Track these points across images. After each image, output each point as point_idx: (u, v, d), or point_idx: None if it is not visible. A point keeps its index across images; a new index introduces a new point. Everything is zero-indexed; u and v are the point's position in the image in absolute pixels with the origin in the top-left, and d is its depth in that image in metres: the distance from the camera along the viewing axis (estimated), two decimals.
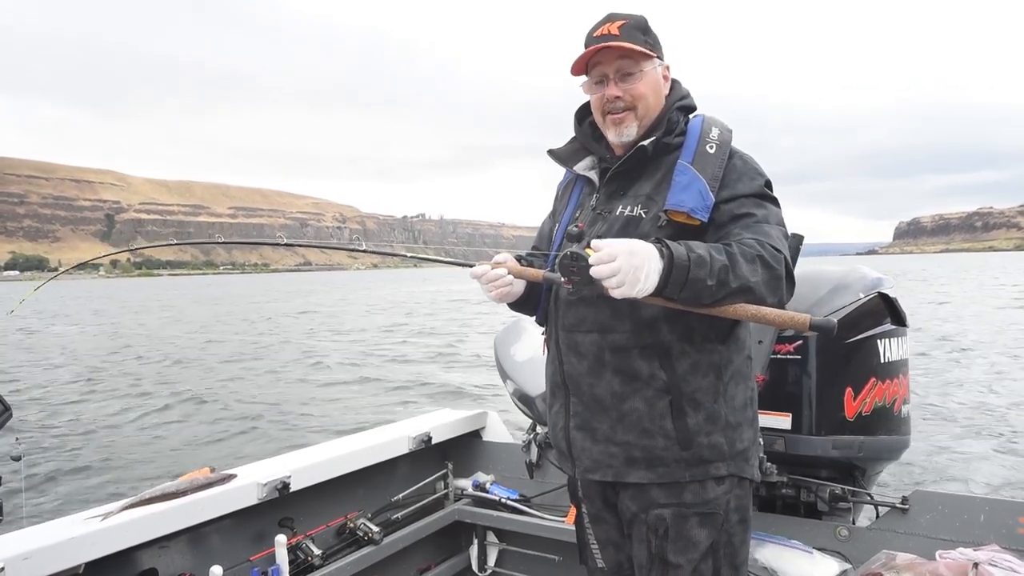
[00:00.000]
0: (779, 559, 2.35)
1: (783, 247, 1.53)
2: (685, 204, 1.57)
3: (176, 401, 11.21)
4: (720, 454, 1.61)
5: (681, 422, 1.59)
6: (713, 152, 1.63)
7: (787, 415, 2.39)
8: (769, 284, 1.47)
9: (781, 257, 1.50)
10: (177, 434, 8.99)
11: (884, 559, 2.18)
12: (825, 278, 2.53)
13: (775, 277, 1.48)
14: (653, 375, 1.60)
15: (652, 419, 1.60)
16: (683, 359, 1.60)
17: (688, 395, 1.59)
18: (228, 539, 2.28)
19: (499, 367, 3.03)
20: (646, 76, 1.69)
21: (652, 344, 1.60)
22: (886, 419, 2.45)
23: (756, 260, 1.46)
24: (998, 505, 2.20)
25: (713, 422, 1.60)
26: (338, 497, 2.61)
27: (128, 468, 7.42)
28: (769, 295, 1.48)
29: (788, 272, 1.52)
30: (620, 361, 1.62)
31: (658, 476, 1.61)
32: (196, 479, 2.20)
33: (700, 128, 1.68)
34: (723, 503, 1.62)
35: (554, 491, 2.87)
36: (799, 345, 2.39)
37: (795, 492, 2.47)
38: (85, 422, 9.77)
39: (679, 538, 1.61)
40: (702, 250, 1.44)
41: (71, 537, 1.83)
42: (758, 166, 1.67)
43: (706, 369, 1.60)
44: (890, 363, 2.46)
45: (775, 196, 1.65)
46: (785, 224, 1.62)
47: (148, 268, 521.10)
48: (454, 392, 11.40)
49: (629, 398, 1.61)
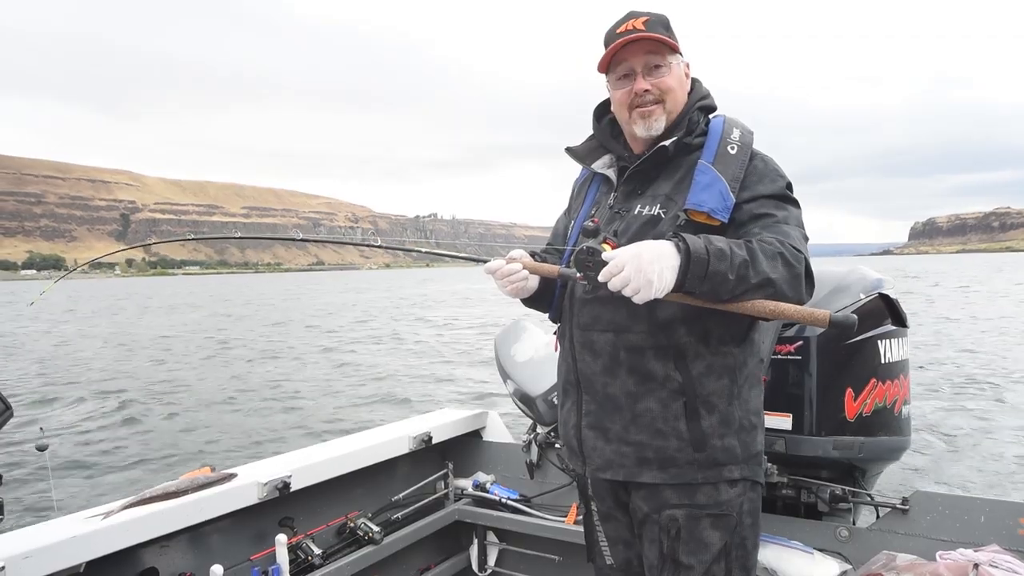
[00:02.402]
0: (779, 560, 2.35)
1: (803, 247, 1.53)
2: (705, 204, 1.57)
3: (176, 400, 11.24)
4: (733, 457, 1.61)
5: (695, 424, 1.59)
6: (734, 153, 1.62)
7: (788, 416, 2.39)
8: (790, 281, 1.47)
9: (802, 256, 1.50)
10: (178, 433, 9.01)
11: (884, 560, 2.17)
12: (826, 279, 2.52)
13: (795, 275, 1.47)
14: (668, 376, 1.60)
15: (666, 420, 1.60)
16: (698, 361, 1.60)
17: (703, 397, 1.59)
18: (228, 538, 2.29)
19: (499, 367, 3.03)
20: (673, 70, 1.70)
21: (668, 345, 1.60)
22: (886, 420, 2.44)
23: (777, 257, 1.46)
24: (999, 506, 2.19)
25: (727, 425, 1.60)
26: (338, 497, 2.62)
27: (128, 467, 7.45)
28: (790, 291, 1.47)
29: (808, 271, 1.51)
30: (635, 361, 1.62)
31: (671, 477, 1.61)
32: (197, 478, 2.21)
33: (722, 128, 1.68)
34: (736, 505, 1.62)
35: (554, 491, 2.87)
36: (800, 345, 2.38)
37: (795, 493, 2.46)
38: (84, 421, 9.82)
39: (691, 539, 1.62)
40: (722, 243, 1.44)
41: (72, 536, 1.83)
42: (779, 168, 1.67)
43: (720, 372, 1.60)
44: (891, 364, 2.45)
45: (796, 198, 1.65)
46: (804, 226, 1.61)
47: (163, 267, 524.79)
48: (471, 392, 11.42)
49: (643, 398, 1.61)
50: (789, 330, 2.39)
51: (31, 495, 6.31)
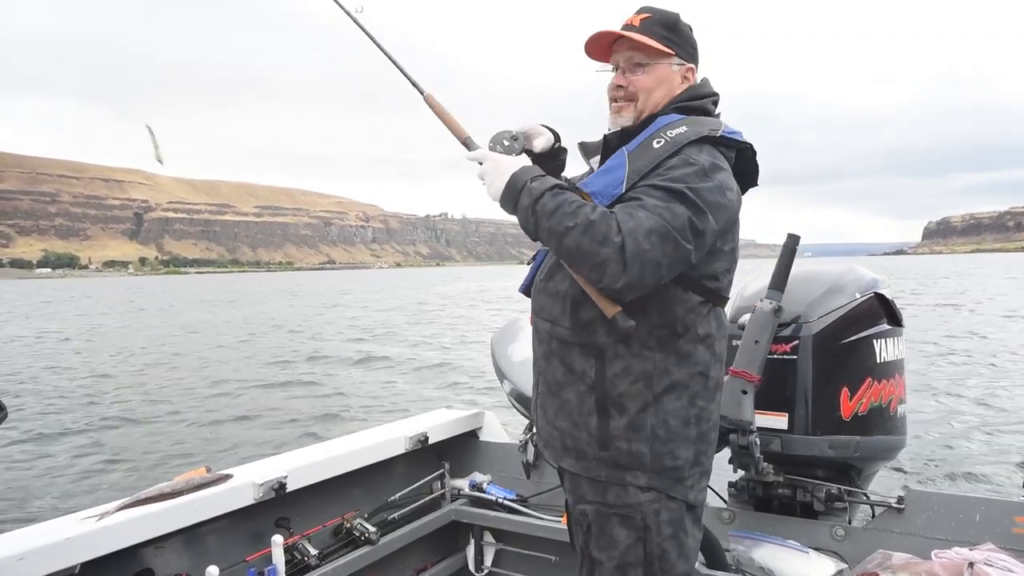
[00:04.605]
0: (775, 559, 2.35)
1: (638, 233, 1.42)
2: (589, 186, 1.57)
3: (175, 401, 11.21)
4: (640, 464, 1.57)
5: (604, 422, 1.59)
6: (657, 147, 1.57)
7: (783, 415, 2.39)
8: (578, 252, 1.45)
9: (612, 239, 1.41)
10: (174, 434, 8.97)
11: (880, 559, 2.17)
12: (822, 279, 2.52)
13: (587, 249, 1.43)
14: (584, 372, 1.61)
15: (580, 413, 1.62)
16: (616, 362, 1.58)
17: (613, 398, 1.58)
18: (224, 539, 2.30)
19: (496, 367, 3.04)
20: (656, 71, 1.68)
21: (589, 343, 1.61)
22: (882, 419, 2.44)
23: (588, 226, 1.43)
24: (994, 505, 2.19)
25: (636, 430, 1.57)
26: (335, 497, 2.63)
27: (125, 468, 7.43)
28: (580, 261, 1.46)
29: (621, 255, 1.42)
30: (563, 353, 1.66)
31: (583, 469, 1.63)
32: (192, 479, 2.22)
33: (663, 124, 1.63)
34: (648, 512, 1.59)
35: (551, 491, 2.87)
36: (795, 345, 2.38)
37: (791, 492, 2.46)
38: (82, 421, 9.82)
39: (601, 535, 1.63)
40: (547, 186, 1.51)
41: (67, 537, 1.84)
42: (703, 172, 1.52)
43: (637, 376, 1.57)
44: (886, 363, 2.45)
45: (697, 202, 1.48)
46: (686, 232, 1.46)
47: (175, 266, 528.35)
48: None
49: (566, 389, 1.65)
50: (785, 330, 2.39)
51: (26, 495, 6.35)
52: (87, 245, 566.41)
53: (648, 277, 1.45)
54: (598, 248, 1.43)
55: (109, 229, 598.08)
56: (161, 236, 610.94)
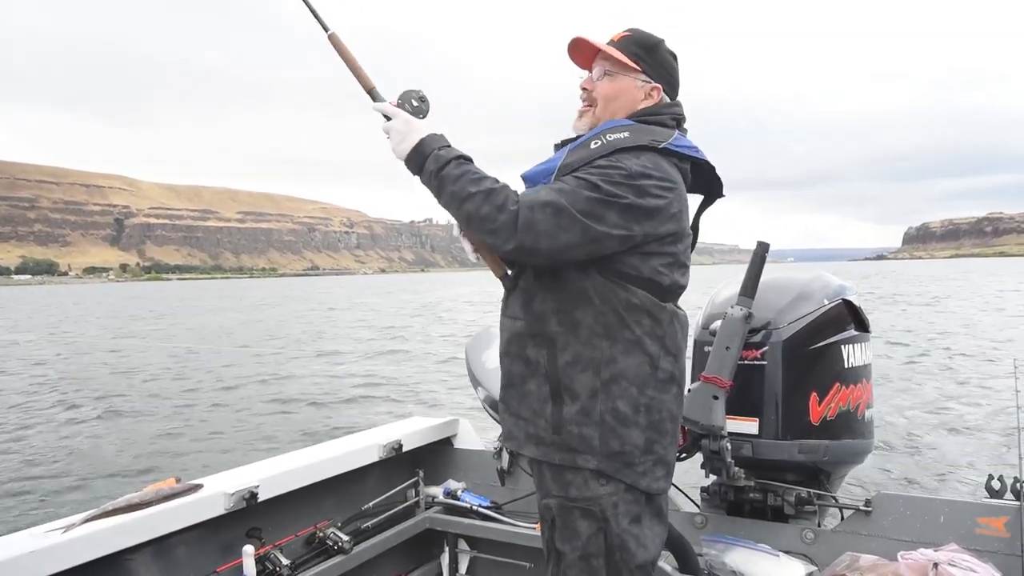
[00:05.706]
0: (746, 563, 2.37)
1: (537, 207, 1.54)
2: (527, 172, 1.72)
3: (141, 410, 11.04)
4: (589, 447, 1.63)
5: (557, 409, 1.66)
6: (594, 147, 1.66)
7: (754, 420, 2.41)
8: (479, 218, 1.57)
9: (512, 209, 1.54)
10: (142, 444, 8.82)
11: (848, 561, 2.20)
12: (791, 285, 2.55)
13: (488, 217, 1.55)
14: (539, 362, 1.69)
15: (539, 402, 1.69)
16: (567, 351, 1.66)
17: (566, 386, 1.66)
18: (194, 550, 2.27)
19: (470, 374, 3.04)
20: (619, 82, 1.77)
21: (541, 334, 1.68)
22: (850, 423, 2.47)
23: (489, 193, 1.56)
24: (957, 506, 2.23)
25: (587, 415, 1.64)
26: (307, 506, 2.61)
27: (90, 479, 7.26)
28: (478, 227, 1.59)
29: (513, 223, 1.54)
30: (519, 348, 1.73)
31: (542, 454, 1.69)
32: (161, 489, 2.18)
33: (607, 127, 1.71)
34: (607, 504, 1.64)
35: (525, 498, 2.88)
36: (765, 351, 2.41)
37: (762, 496, 2.49)
38: (46, 431, 9.62)
39: (565, 527, 1.68)
40: (453, 155, 1.62)
41: (31, 551, 1.80)
42: (629, 176, 1.58)
43: (586, 364, 1.64)
44: (854, 368, 2.48)
45: (608, 200, 1.56)
46: (585, 212, 1.54)
47: (157, 272, 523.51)
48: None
49: (527, 380, 1.72)
50: (755, 336, 2.42)
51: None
52: (67, 251, 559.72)
53: (540, 244, 1.55)
54: (496, 214, 1.55)
55: (90, 235, 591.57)
56: (143, 242, 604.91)
